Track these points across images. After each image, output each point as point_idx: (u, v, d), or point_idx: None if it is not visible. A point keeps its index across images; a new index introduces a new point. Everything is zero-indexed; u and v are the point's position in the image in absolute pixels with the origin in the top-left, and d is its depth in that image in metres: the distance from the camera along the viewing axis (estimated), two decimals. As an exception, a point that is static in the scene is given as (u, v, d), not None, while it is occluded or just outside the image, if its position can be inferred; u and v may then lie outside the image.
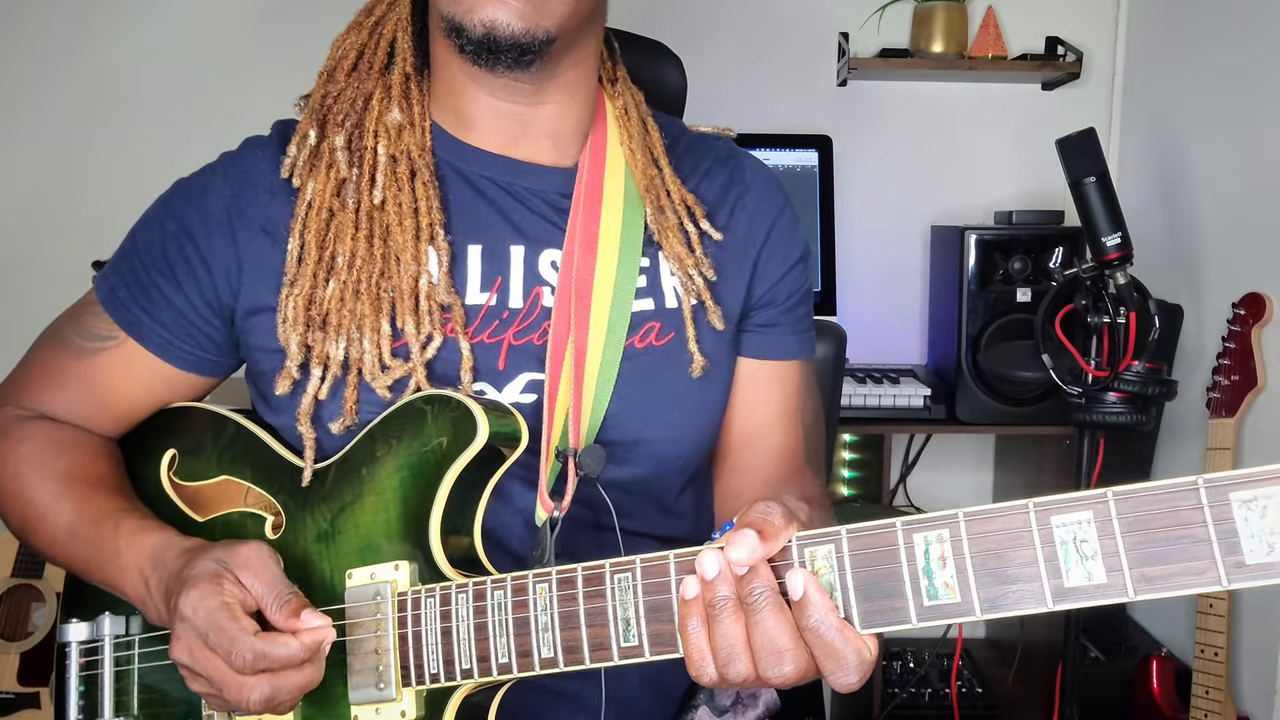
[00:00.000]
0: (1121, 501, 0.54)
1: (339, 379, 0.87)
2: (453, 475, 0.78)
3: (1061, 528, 0.55)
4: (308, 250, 0.87)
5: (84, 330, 0.93)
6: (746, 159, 1.01)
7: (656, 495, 0.95)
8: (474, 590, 0.74)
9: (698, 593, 0.62)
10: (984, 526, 0.57)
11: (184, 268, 0.90)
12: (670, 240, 0.92)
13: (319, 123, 0.91)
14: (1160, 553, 0.53)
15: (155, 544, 0.83)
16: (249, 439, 0.91)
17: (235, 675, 0.74)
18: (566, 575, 0.70)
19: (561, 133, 0.93)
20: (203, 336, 0.92)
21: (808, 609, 0.59)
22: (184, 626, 0.75)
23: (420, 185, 0.89)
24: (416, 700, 0.76)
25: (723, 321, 0.93)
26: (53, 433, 0.93)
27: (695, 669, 0.63)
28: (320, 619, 0.76)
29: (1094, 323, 1.66)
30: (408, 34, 0.92)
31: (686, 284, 0.92)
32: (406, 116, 0.91)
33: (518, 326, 0.89)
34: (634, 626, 0.67)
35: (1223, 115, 2.01)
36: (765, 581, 0.60)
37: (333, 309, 0.86)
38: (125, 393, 0.94)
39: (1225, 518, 0.51)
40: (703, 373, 0.92)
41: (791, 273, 0.99)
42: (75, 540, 0.88)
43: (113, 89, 2.34)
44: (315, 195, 0.88)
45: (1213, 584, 0.51)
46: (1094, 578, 0.54)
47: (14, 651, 2.00)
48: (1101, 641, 2.11)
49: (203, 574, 0.76)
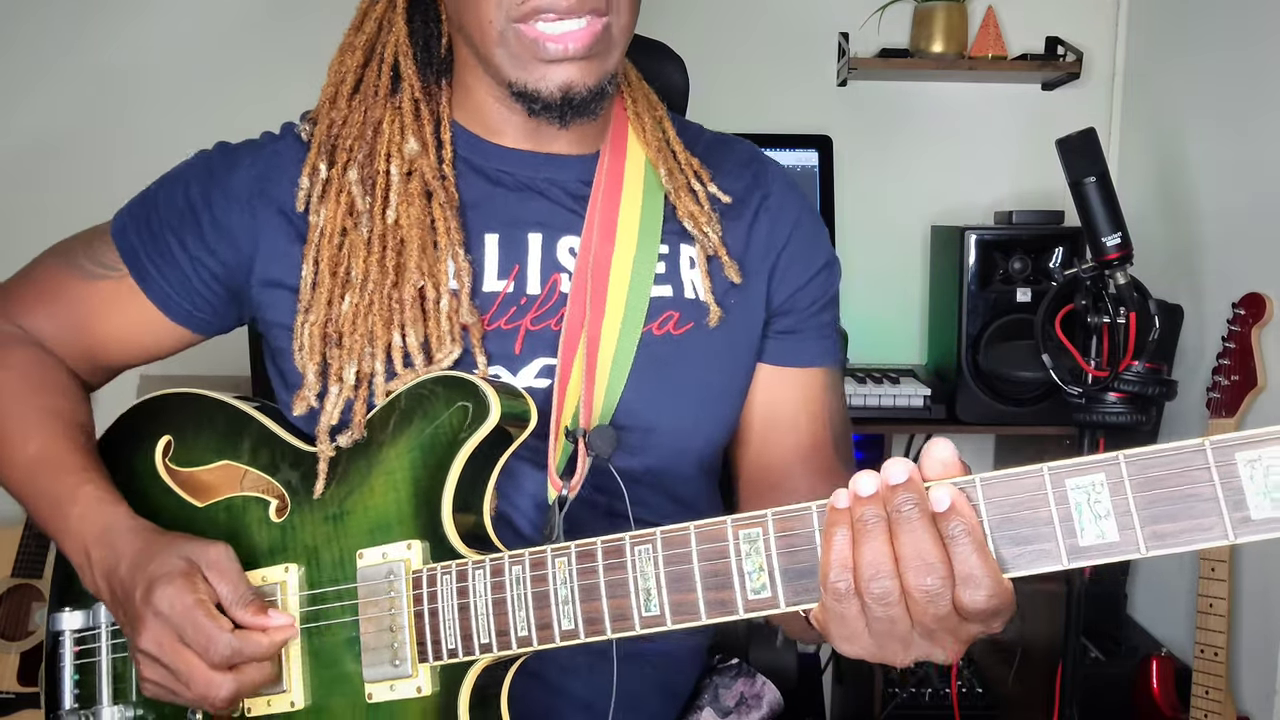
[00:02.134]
0: (1132, 463, 0.56)
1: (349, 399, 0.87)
2: (465, 454, 0.79)
3: (1075, 489, 0.57)
4: (321, 278, 0.88)
5: (92, 255, 0.95)
6: (769, 163, 1.01)
7: (668, 485, 0.95)
8: (491, 566, 0.75)
9: (847, 504, 0.61)
10: (999, 490, 0.59)
11: (196, 233, 0.91)
12: (683, 198, 0.93)
13: (328, 153, 0.91)
14: (1170, 510, 0.55)
15: (105, 522, 0.86)
16: (248, 422, 0.92)
17: (205, 671, 0.78)
18: (586, 549, 0.71)
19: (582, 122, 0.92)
20: (200, 298, 0.93)
21: (952, 517, 0.59)
22: (157, 621, 0.78)
23: (437, 206, 0.89)
24: (432, 676, 0.77)
25: (740, 275, 0.93)
26: (36, 365, 0.95)
27: (833, 575, 0.61)
28: (284, 617, 0.81)
29: (1094, 323, 1.65)
30: (409, 57, 0.92)
31: (701, 240, 0.93)
32: (421, 141, 0.91)
33: (535, 312, 0.90)
34: (655, 596, 0.68)
35: (1223, 115, 2.01)
36: (918, 493, 0.60)
37: (346, 328, 0.87)
38: (113, 325, 0.95)
39: (1231, 476, 0.53)
40: (711, 364, 0.92)
41: (816, 279, 0.99)
42: (31, 480, 0.90)
43: (113, 89, 2.33)
44: (326, 222, 0.89)
45: (1220, 539, 0.54)
46: (1107, 536, 0.56)
47: (14, 651, 2.00)
48: (1101, 641, 2.11)
49: (174, 570, 0.79)
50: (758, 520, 0.65)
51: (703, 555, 0.67)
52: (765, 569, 0.65)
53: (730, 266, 0.93)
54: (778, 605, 0.65)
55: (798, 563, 0.64)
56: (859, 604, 0.61)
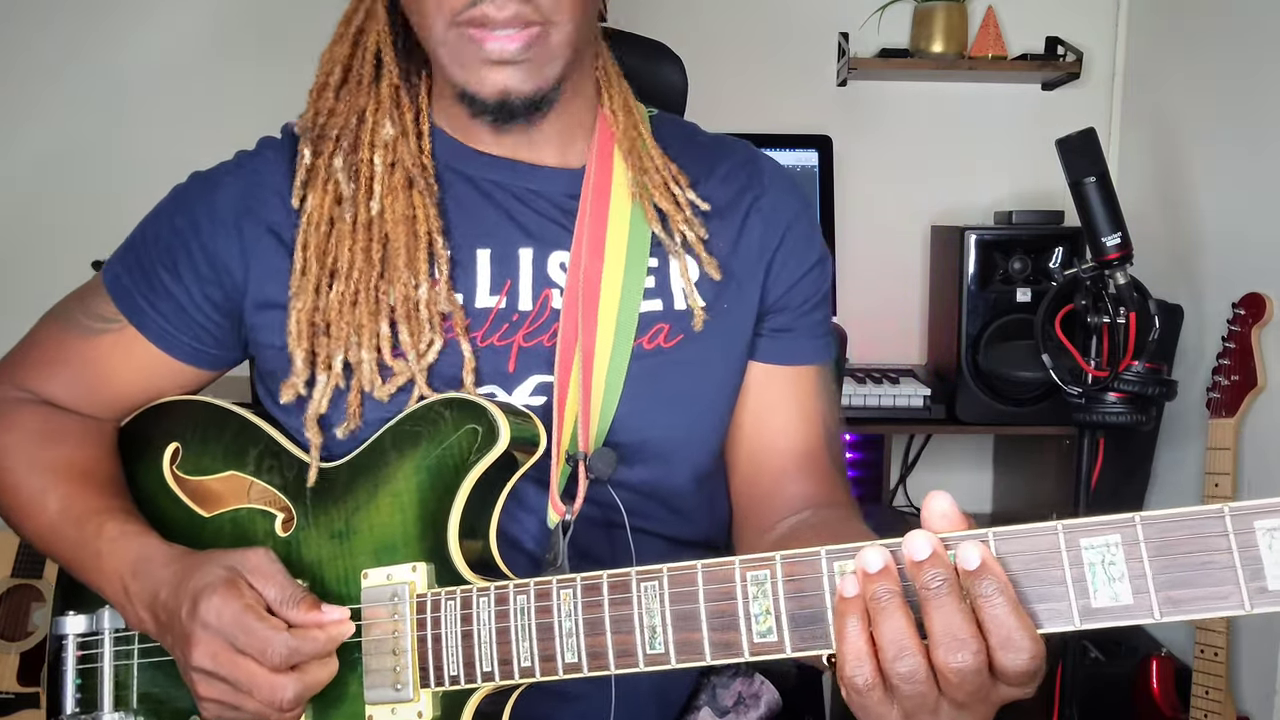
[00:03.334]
0: (1148, 526, 0.55)
1: (339, 388, 0.87)
2: (473, 478, 0.79)
3: (1090, 549, 0.56)
4: (309, 265, 0.88)
5: (89, 311, 0.94)
6: (765, 162, 1.01)
7: (665, 496, 0.95)
8: (496, 594, 0.74)
9: (857, 591, 0.59)
10: (1012, 546, 0.58)
11: (187, 262, 0.90)
12: (659, 197, 0.92)
13: (313, 142, 0.91)
14: (1185, 576, 0.54)
15: (137, 552, 0.84)
16: (257, 435, 0.91)
17: (268, 675, 0.75)
18: (592, 582, 0.70)
19: (564, 134, 0.93)
20: (202, 330, 0.92)
21: (985, 575, 0.56)
22: (207, 633, 0.76)
23: (417, 194, 0.90)
24: (433, 701, 0.76)
25: (719, 272, 0.92)
26: (43, 421, 0.94)
27: (850, 670, 0.59)
28: (339, 611, 0.78)
29: (1094, 323, 1.65)
30: (390, 45, 0.92)
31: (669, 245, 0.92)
32: (399, 128, 0.91)
33: (528, 329, 0.90)
34: (660, 634, 0.67)
35: (1223, 115, 2.01)
36: (946, 568, 0.57)
37: (334, 318, 0.87)
38: (122, 377, 0.94)
39: (1250, 545, 0.52)
40: (703, 375, 0.92)
41: (808, 276, 0.98)
42: (59, 538, 0.89)
43: (113, 90, 2.33)
44: (315, 210, 0.89)
45: (1236, 609, 0.53)
46: (1121, 599, 0.55)
47: (14, 651, 2.00)
48: (1101, 641, 2.10)
49: (217, 581, 0.77)
50: (765, 562, 0.64)
51: (709, 595, 0.66)
52: (772, 613, 0.64)
53: (709, 263, 0.92)
54: (784, 650, 0.63)
55: (805, 608, 0.63)
56: (881, 692, 0.59)
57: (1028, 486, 2.35)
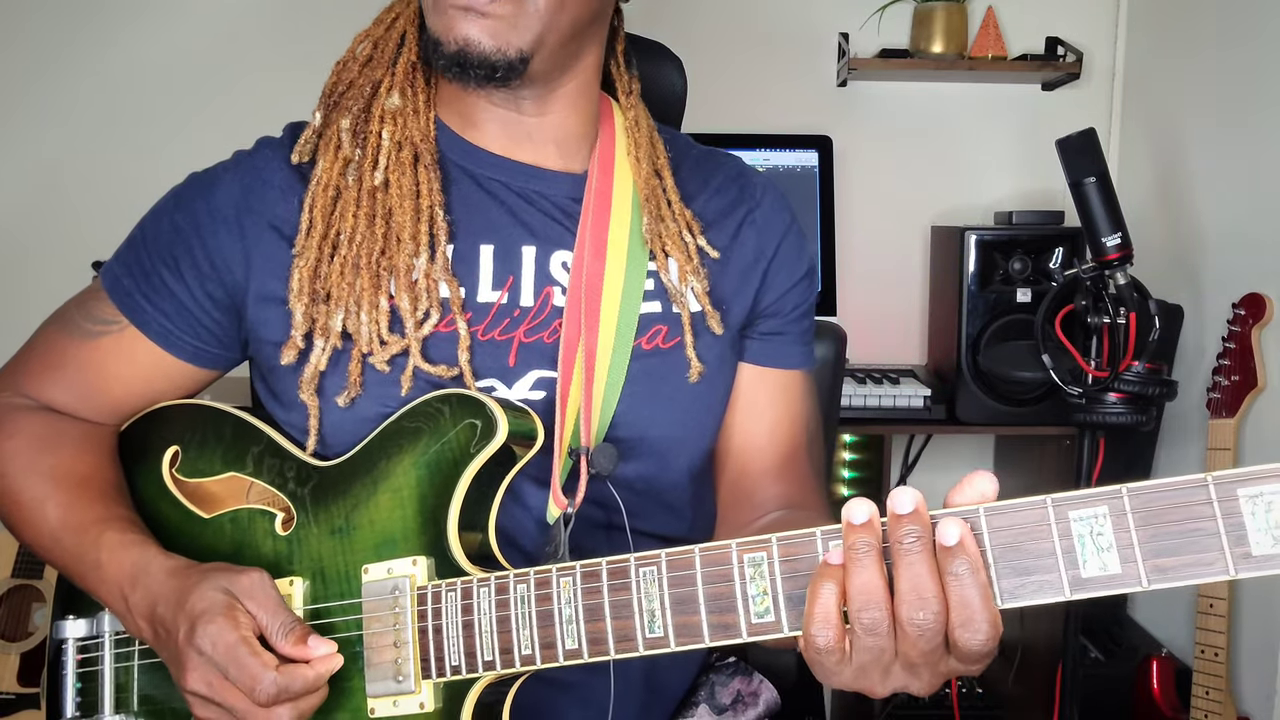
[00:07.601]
0: (1135, 496, 0.56)
1: (339, 351, 0.88)
2: (471, 472, 0.80)
3: (1078, 521, 0.58)
4: (315, 225, 0.89)
5: (88, 314, 0.94)
6: (755, 176, 1.03)
7: (660, 493, 0.96)
8: (496, 584, 0.75)
9: (839, 562, 0.61)
10: (1004, 520, 0.59)
11: (188, 260, 0.90)
12: (673, 248, 0.94)
13: (326, 107, 0.93)
14: (1172, 545, 0.56)
15: (135, 562, 0.84)
16: (256, 435, 0.92)
17: (258, 708, 0.76)
18: (591, 569, 0.71)
19: (567, 140, 0.94)
20: (203, 329, 0.92)
21: (958, 556, 0.58)
22: (201, 660, 0.77)
23: (422, 169, 0.91)
24: (435, 692, 0.77)
25: (721, 326, 0.95)
26: (42, 427, 0.94)
27: (815, 629, 0.61)
28: (327, 646, 0.78)
29: (1094, 323, 1.66)
30: (414, 25, 0.93)
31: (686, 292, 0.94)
32: (409, 104, 0.92)
33: (528, 324, 0.91)
34: (659, 618, 0.68)
35: (1223, 115, 2.01)
36: (924, 526, 0.59)
37: (334, 283, 0.87)
38: (124, 379, 0.94)
39: (1233, 512, 0.54)
40: (700, 379, 0.94)
41: (798, 286, 1.01)
42: (59, 546, 0.89)
43: (113, 90, 2.34)
44: (324, 172, 0.90)
45: (1221, 574, 0.54)
46: (1109, 568, 0.57)
47: (14, 652, 2.00)
48: (1101, 641, 2.11)
49: (214, 606, 0.78)
50: (762, 545, 0.66)
51: (707, 578, 0.67)
52: (769, 594, 0.65)
53: (713, 318, 0.94)
54: (781, 629, 0.65)
55: (801, 587, 0.64)
56: (840, 655, 0.61)
57: (1028, 487, 2.35)
